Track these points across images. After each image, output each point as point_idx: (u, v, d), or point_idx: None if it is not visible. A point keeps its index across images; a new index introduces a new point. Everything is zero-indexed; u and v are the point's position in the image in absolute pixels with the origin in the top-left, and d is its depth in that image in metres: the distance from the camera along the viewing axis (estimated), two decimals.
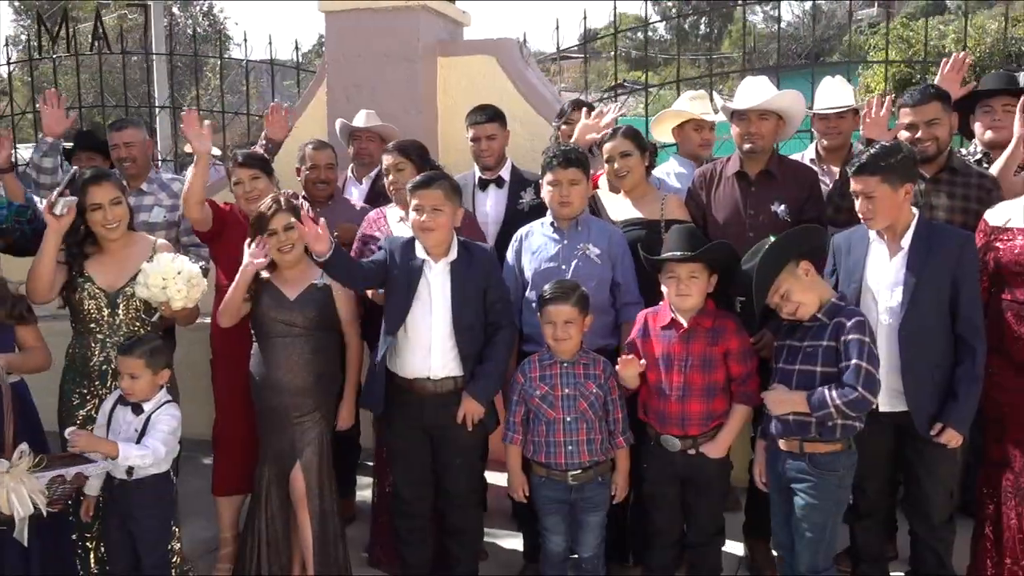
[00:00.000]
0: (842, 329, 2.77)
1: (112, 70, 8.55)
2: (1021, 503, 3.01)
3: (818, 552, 2.89)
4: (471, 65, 5.19)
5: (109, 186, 3.25)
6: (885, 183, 2.84)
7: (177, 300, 3.12)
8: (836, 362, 2.78)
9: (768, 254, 2.83)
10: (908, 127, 3.25)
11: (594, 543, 3.15)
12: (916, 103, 3.24)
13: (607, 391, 3.10)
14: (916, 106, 3.23)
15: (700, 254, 2.93)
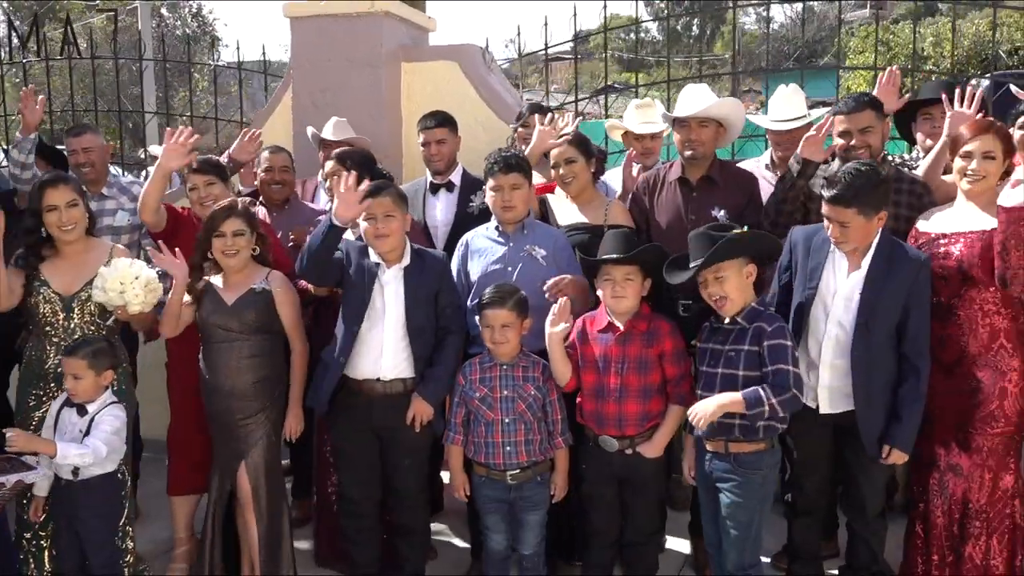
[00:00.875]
0: (763, 334, 2.85)
1: (102, 72, 8.57)
2: (946, 501, 3.09)
3: (744, 549, 2.97)
4: (434, 71, 5.26)
5: (65, 189, 3.29)
6: (861, 215, 2.88)
7: (134, 304, 3.18)
8: (759, 366, 2.85)
9: (734, 241, 2.91)
10: (842, 134, 3.32)
11: (534, 541, 3.22)
12: (850, 111, 3.31)
13: (545, 393, 3.16)
14: (850, 114, 3.30)
15: (632, 256, 2.99)
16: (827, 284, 3.03)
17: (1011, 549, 3.06)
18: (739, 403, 2.84)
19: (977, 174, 3.00)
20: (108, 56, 6.41)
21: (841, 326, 2.99)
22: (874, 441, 3.00)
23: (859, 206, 2.86)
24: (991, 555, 3.04)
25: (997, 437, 3.00)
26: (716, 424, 2.90)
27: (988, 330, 3.00)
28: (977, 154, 3.00)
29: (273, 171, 4.11)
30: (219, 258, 3.29)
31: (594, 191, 3.67)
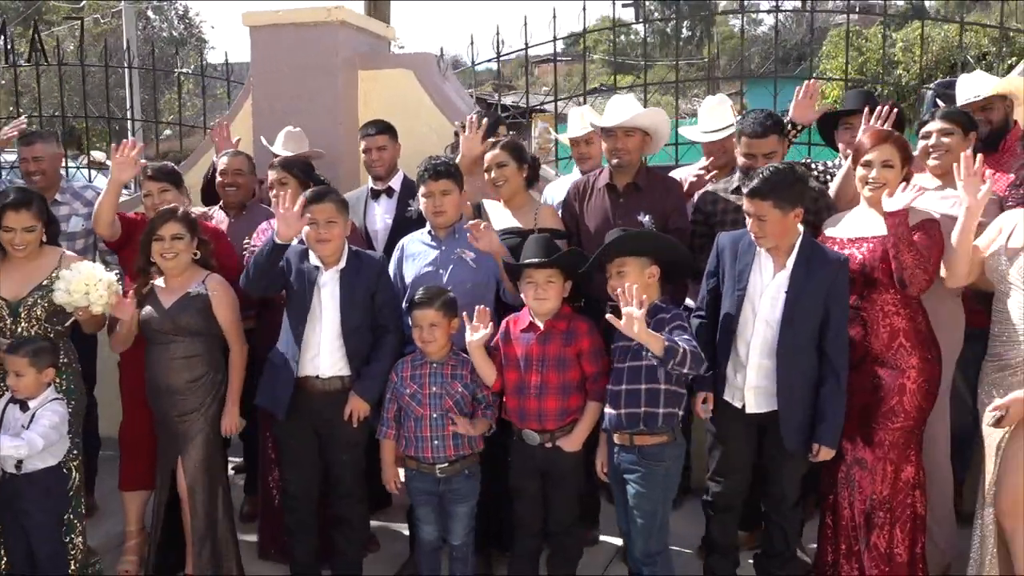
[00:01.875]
0: (664, 322, 3.01)
1: (90, 77, 8.66)
2: (852, 492, 3.24)
3: (650, 537, 3.12)
4: (390, 78, 5.41)
5: (26, 215, 3.35)
6: (776, 208, 3.01)
7: (98, 305, 3.31)
8: None
9: (640, 237, 3.07)
10: (747, 155, 3.48)
11: (463, 532, 3.36)
12: (756, 136, 3.46)
13: (473, 390, 3.31)
14: (755, 139, 3.46)
15: (553, 260, 3.14)
16: (754, 285, 3.15)
17: (912, 537, 3.21)
18: (660, 342, 2.87)
19: (877, 182, 3.15)
20: (75, 64, 6.52)
21: (768, 325, 3.11)
22: (793, 435, 3.11)
23: (775, 199, 2.99)
24: (894, 544, 3.20)
25: (898, 431, 3.15)
26: (623, 417, 3.06)
27: (888, 330, 3.16)
28: (877, 163, 3.16)
29: (228, 175, 4.25)
30: (158, 261, 3.42)
31: (526, 196, 3.80)
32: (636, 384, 3.07)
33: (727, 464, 3.29)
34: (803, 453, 3.14)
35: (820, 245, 3.18)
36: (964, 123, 3.43)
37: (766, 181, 3.01)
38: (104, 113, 7.75)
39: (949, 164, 3.36)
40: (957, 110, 3.53)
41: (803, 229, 3.15)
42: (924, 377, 3.14)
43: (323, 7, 5.22)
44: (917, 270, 3.03)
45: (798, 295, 3.06)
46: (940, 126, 3.42)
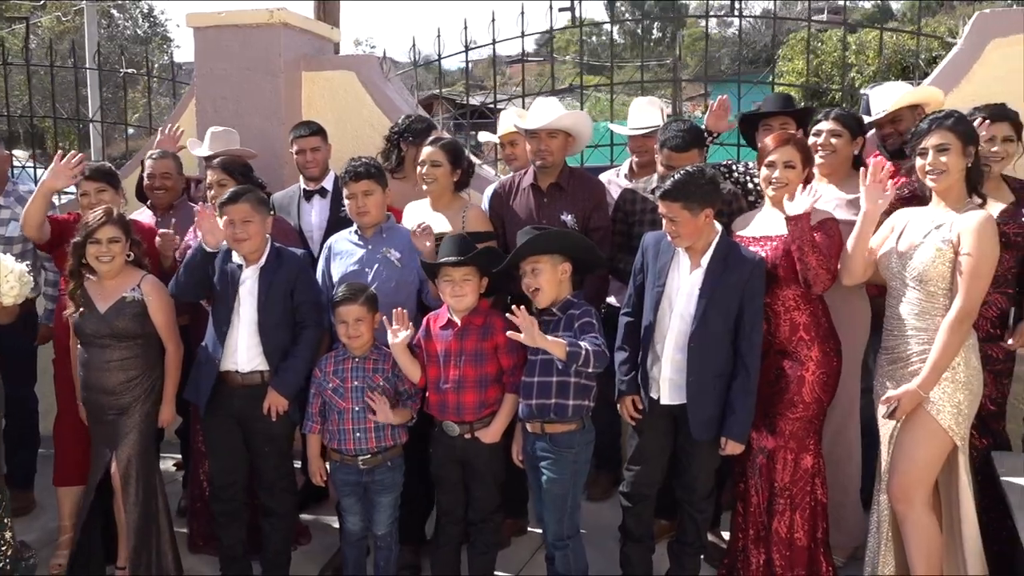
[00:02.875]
0: (574, 318, 3.14)
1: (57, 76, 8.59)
2: (759, 480, 3.38)
3: (562, 521, 3.24)
4: (333, 80, 5.49)
5: None
6: (686, 209, 3.13)
7: (8, 296, 3.37)
8: None
9: (551, 237, 3.18)
10: (667, 167, 3.62)
11: (386, 522, 3.46)
12: (677, 150, 3.60)
13: (395, 382, 3.41)
14: (676, 152, 3.59)
15: (467, 259, 3.24)
16: (672, 282, 3.27)
17: (813, 523, 3.35)
18: (562, 347, 3.02)
19: (780, 182, 3.29)
20: (20, 63, 6.52)
21: (682, 320, 3.22)
22: (701, 427, 3.23)
23: (684, 201, 3.11)
24: (795, 529, 3.34)
25: (798, 421, 3.29)
26: (534, 407, 3.18)
27: (789, 324, 3.29)
28: (779, 164, 3.29)
29: (156, 177, 4.31)
30: (93, 264, 3.47)
31: (454, 197, 3.89)
32: (548, 377, 3.19)
33: (642, 453, 3.40)
34: (712, 445, 3.26)
35: (737, 245, 3.31)
36: (852, 126, 3.59)
37: (676, 184, 3.13)
38: (65, 113, 7.75)
39: (835, 164, 3.53)
40: (848, 113, 3.69)
41: (720, 229, 3.28)
42: (823, 369, 3.28)
43: (265, 9, 5.29)
44: (821, 270, 3.17)
45: (712, 293, 3.18)
46: (830, 127, 3.58)
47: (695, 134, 3.70)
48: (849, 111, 3.75)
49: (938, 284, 2.99)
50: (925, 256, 3.01)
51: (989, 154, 3.36)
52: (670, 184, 3.13)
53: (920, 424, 3.04)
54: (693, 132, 3.70)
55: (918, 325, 3.04)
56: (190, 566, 3.82)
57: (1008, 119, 3.37)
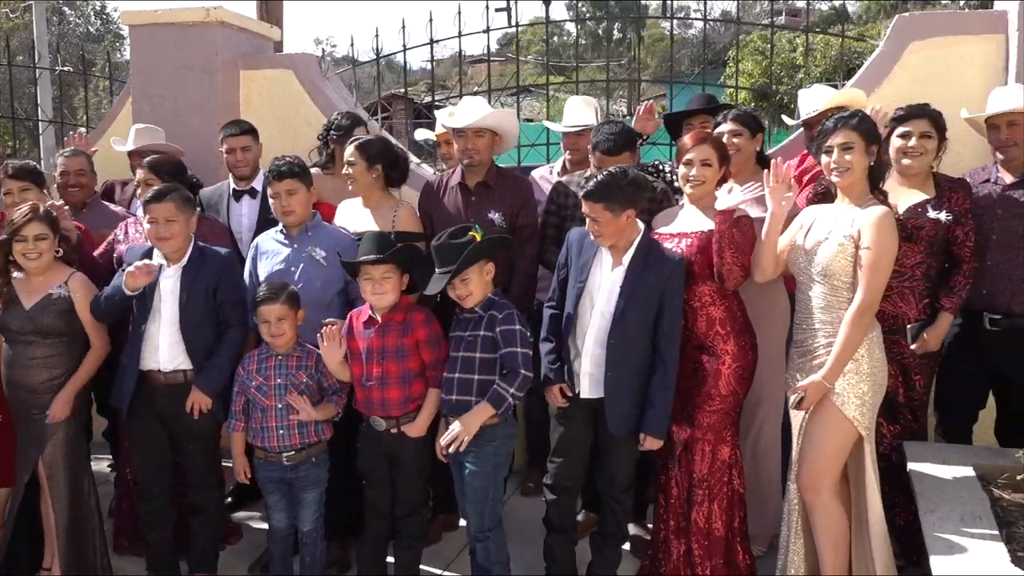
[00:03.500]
0: (496, 320, 3.19)
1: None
2: (679, 472, 3.46)
3: (483, 513, 3.30)
4: (271, 79, 5.49)
5: None
6: (608, 210, 3.18)
7: None
8: (494, 349, 3.20)
9: (474, 250, 3.20)
10: (599, 169, 3.62)
11: (312, 518, 3.49)
12: (609, 154, 3.67)
13: (318, 379, 3.43)
14: (608, 156, 3.66)
15: (385, 257, 3.27)
16: (594, 279, 3.33)
17: (730, 513, 3.43)
18: (488, 410, 3.19)
19: (697, 180, 3.37)
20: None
21: (603, 316, 3.28)
22: (619, 422, 3.29)
23: (606, 202, 3.17)
24: (713, 519, 3.41)
25: (715, 414, 3.37)
26: (455, 403, 3.22)
27: (706, 319, 3.37)
28: (696, 162, 3.37)
29: (68, 175, 4.30)
30: (20, 261, 3.45)
31: (384, 196, 3.91)
32: (469, 374, 3.24)
33: (564, 446, 3.46)
34: (631, 439, 3.32)
35: (658, 244, 3.37)
36: (751, 124, 3.72)
37: (599, 184, 3.18)
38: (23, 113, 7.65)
39: (739, 162, 3.66)
40: (746, 112, 3.81)
41: (643, 228, 3.35)
42: (738, 363, 3.36)
43: (202, 7, 5.27)
44: (735, 266, 3.25)
45: (632, 291, 3.24)
46: (730, 127, 3.69)
47: (626, 137, 3.77)
48: (747, 110, 3.87)
49: (841, 278, 3.08)
50: (828, 251, 3.10)
51: (908, 149, 3.47)
52: (593, 185, 3.19)
53: (826, 415, 3.13)
54: (624, 135, 3.77)
55: (824, 318, 3.13)
56: (118, 566, 3.80)
57: (926, 116, 3.46)
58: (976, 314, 3.60)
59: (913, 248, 3.41)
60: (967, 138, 3.97)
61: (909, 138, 3.46)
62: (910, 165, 3.48)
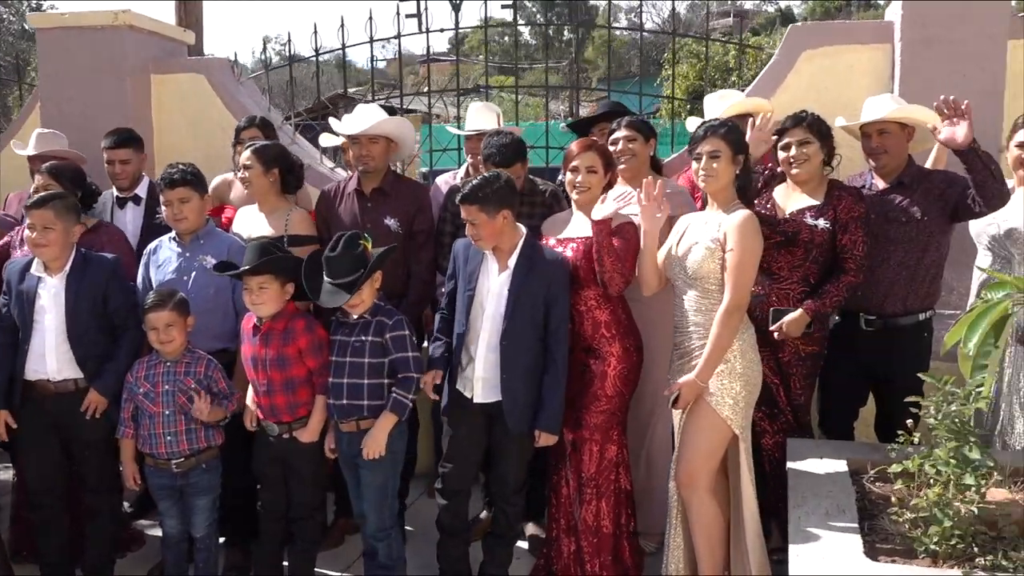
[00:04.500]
0: (385, 327, 3.25)
1: None
2: (569, 470, 3.54)
3: (383, 513, 3.36)
4: (183, 83, 5.48)
5: None
6: (483, 212, 3.25)
7: None
8: (382, 354, 3.27)
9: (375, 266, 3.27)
10: None
11: (204, 523, 3.50)
12: (498, 165, 3.73)
13: (207, 384, 3.45)
14: (498, 168, 3.68)
15: (258, 267, 3.29)
16: (482, 285, 3.39)
17: (617, 511, 3.53)
18: (393, 419, 3.27)
19: (583, 186, 3.46)
20: None
21: (493, 321, 3.35)
22: (516, 422, 3.36)
23: (480, 204, 3.24)
24: (601, 517, 3.50)
25: (601, 414, 3.45)
26: (347, 406, 3.27)
27: (591, 322, 3.46)
28: (582, 168, 3.45)
29: None
30: None
31: (279, 199, 3.93)
32: (359, 379, 3.28)
33: (456, 450, 3.51)
34: (525, 439, 3.39)
35: (541, 247, 3.45)
36: (644, 130, 3.81)
37: (472, 188, 3.26)
38: None
39: (635, 167, 3.75)
40: (639, 119, 3.90)
41: (525, 231, 3.42)
42: (624, 364, 3.45)
43: (110, 11, 5.25)
44: (615, 273, 3.34)
45: (519, 293, 3.31)
46: (625, 134, 3.78)
47: (514, 148, 3.84)
48: (640, 117, 3.96)
49: (711, 281, 3.18)
50: (697, 256, 3.20)
51: (791, 160, 3.59)
52: (467, 189, 3.26)
53: (701, 414, 3.23)
54: (512, 146, 3.84)
55: (697, 320, 3.23)
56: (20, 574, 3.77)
57: (801, 124, 3.57)
58: (853, 315, 3.75)
59: (792, 252, 3.53)
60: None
61: (789, 148, 3.57)
62: (797, 173, 3.60)
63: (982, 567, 2.57)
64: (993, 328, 2.74)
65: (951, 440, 2.67)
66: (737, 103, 4.08)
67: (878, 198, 3.69)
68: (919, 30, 4.32)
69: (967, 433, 2.66)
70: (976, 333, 2.74)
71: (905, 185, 3.65)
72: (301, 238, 3.75)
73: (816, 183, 3.62)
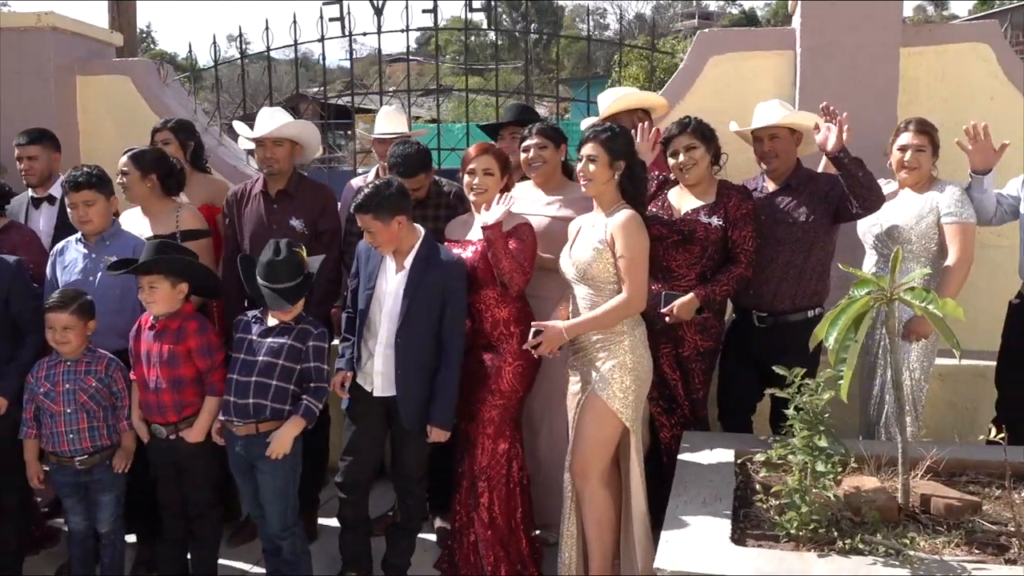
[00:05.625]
0: (309, 335, 3.39)
1: None
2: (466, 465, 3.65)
3: (286, 512, 3.44)
4: (108, 84, 5.51)
5: None
6: (378, 220, 3.33)
7: None
8: (296, 360, 3.38)
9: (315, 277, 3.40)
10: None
11: (109, 519, 3.56)
12: (403, 176, 3.79)
13: (109, 383, 3.51)
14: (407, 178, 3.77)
15: (145, 266, 3.37)
16: (381, 284, 3.49)
17: (511, 503, 3.63)
18: (301, 424, 3.38)
19: (480, 188, 3.55)
20: None
21: (390, 318, 3.44)
22: (411, 416, 3.45)
23: (374, 213, 3.33)
24: (494, 509, 3.61)
25: (496, 409, 3.56)
26: (250, 407, 3.34)
27: (491, 320, 3.56)
28: (479, 171, 3.55)
29: None
30: None
31: (162, 201, 4.02)
32: (268, 379, 3.35)
33: (355, 444, 3.59)
34: (422, 433, 3.48)
35: (438, 247, 3.54)
36: (554, 137, 3.90)
37: (366, 198, 3.34)
38: None
39: (547, 173, 3.85)
40: (548, 126, 3.99)
41: (423, 232, 3.52)
42: (520, 361, 3.55)
43: (33, 13, 5.26)
44: (515, 273, 3.45)
45: (415, 291, 3.41)
46: (535, 141, 3.87)
47: (417, 158, 3.91)
48: (549, 124, 4.06)
49: (602, 279, 3.30)
50: (587, 256, 3.32)
51: (679, 166, 3.72)
52: (360, 199, 3.34)
53: (593, 407, 3.34)
54: (415, 156, 3.91)
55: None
56: None
57: (684, 131, 3.71)
58: (747, 312, 3.90)
59: (689, 250, 3.67)
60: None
61: (677, 155, 3.71)
62: (686, 177, 3.74)
63: (840, 550, 2.72)
64: (853, 323, 2.90)
65: (803, 430, 2.81)
66: (621, 99, 4.19)
67: (768, 200, 3.83)
68: (817, 37, 4.47)
69: (818, 423, 2.80)
70: (836, 328, 2.89)
71: (792, 187, 3.81)
72: (193, 232, 3.85)
73: (707, 184, 3.75)
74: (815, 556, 2.69)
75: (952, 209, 3.70)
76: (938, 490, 3.04)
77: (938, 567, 2.57)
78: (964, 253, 3.67)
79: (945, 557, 2.63)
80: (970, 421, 4.15)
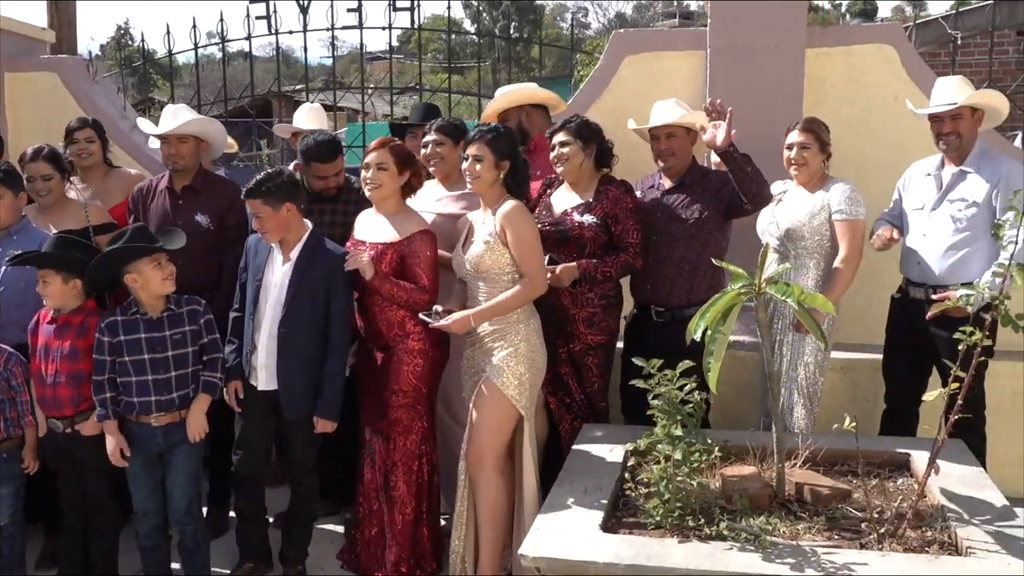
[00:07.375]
0: (198, 313, 3.49)
1: None
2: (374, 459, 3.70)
3: (193, 496, 3.53)
4: (37, 82, 5.53)
5: None
6: (267, 205, 3.40)
7: None
8: (198, 340, 3.48)
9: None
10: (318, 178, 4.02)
11: (7, 512, 3.58)
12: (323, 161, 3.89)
13: (6, 377, 3.54)
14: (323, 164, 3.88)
15: (26, 258, 3.44)
16: (268, 276, 3.55)
17: (418, 498, 3.66)
18: (208, 400, 3.46)
19: (373, 182, 3.59)
20: None
21: (274, 309, 3.50)
22: (294, 408, 3.52)
23: (264, 198, 3.39)
24: (400, 503, 3.62)
25: (401, 408, 3.58)
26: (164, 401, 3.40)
27: (385, 322, 3.57)
28: (372, 165, 3.57)
29: None
30: None
31: (67, 203, 4.09)
32: (184, 369, 3.43)
33: (245, 438, 3.65)
34: (308, 424, 3.54)
35: (324, 241, 3.59)
36: (453, 133, 3.94)
37: (257, 183, 3.40)
38: None
39: (446, 170, 3.92)
40: (447, 123, 4.02)
41: (311, 226, 3.58)
42: (419, 361, 3.58)
43: None
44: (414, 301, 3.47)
45: (299, 283, 3.47)
46: (433, 138, 3.93)
47: (328, 146, 4.01)
48: (450, 121, 4.11)
49: (496, 271, 3.37)
50: (477, 251, 3.39)
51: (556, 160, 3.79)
52: (251, 184, 3.41)
53: (489, 395, 3.41)
54: (326, 144, 4.00)
55: None
56: None
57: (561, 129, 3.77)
58: (646, 307, 3.97)
59: (568, 247, 3.73)
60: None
61: (553, 149, 3.78)
62: (562, 172, 3.81)
63: (704, 536, 2.78)
64: (722, 315, 2.98)
65: (662, 419, 2.89)
66: (509, 94, 4.24)
67: (663, 197, 3.91)
68: (725, 38, 4.55)
69: (676, 412, 2.88)
70: (703, 320, 2.97)
71: (686, 185, 3.88)
72: (103, 227, 3.91)
73: (586, 182, 3.81)
74: (675, 542, 2.74)
75: (842, 206, 3.78)
76: (812, 479, 3.12)
77: (790, 551, 2.64)
78: (852, 250, 3.75)
79: (801, 542, 2.70)
80: (870, 413, 4.24)
